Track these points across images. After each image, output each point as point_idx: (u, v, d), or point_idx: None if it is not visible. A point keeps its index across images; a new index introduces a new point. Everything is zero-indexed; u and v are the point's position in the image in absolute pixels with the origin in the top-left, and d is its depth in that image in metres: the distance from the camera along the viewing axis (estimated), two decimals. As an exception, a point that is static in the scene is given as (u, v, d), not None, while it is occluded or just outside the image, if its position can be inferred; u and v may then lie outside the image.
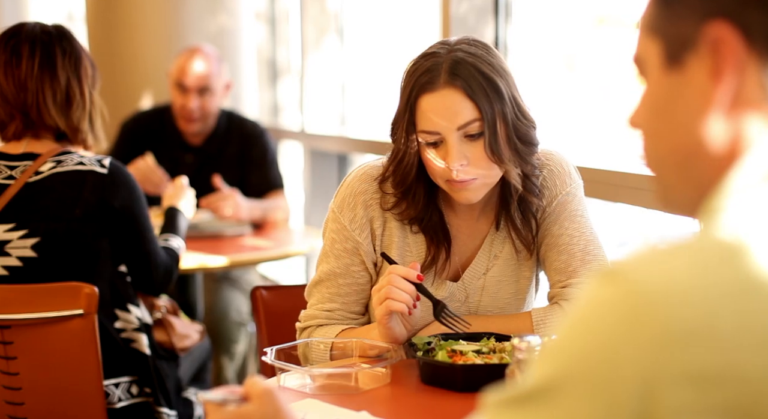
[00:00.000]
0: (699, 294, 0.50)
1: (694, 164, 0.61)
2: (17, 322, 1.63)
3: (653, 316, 0.50)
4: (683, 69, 0.60)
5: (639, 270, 0.52)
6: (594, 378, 0.51)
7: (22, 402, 1.67)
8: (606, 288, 0.53)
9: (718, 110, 0.58)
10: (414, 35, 3.51)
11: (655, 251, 0.53)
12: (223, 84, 2.84)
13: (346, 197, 1.41)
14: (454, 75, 1.27)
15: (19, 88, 1.71)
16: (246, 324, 2.95)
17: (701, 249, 0.53)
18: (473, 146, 1.29)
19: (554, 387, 0.52)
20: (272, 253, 2.54)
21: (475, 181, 1.31)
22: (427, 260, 1.40)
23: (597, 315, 0.52)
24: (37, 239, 1.68)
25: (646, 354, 0.50)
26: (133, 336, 1.80)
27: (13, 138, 1.74)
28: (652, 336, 0.50)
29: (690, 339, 0.49)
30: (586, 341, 0.52)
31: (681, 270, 0.51)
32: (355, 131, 3.66)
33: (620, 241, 2.63)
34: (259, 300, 1.68)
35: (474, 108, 1.27)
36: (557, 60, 2.84)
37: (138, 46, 3.56)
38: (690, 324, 0.50)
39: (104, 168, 1.72)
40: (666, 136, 0.62)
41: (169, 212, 2.10)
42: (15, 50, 1.72)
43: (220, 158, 2.88)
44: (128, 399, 1.79)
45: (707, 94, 0.58)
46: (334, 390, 1.22)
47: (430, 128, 1.29)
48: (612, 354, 0.51)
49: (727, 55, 0.57)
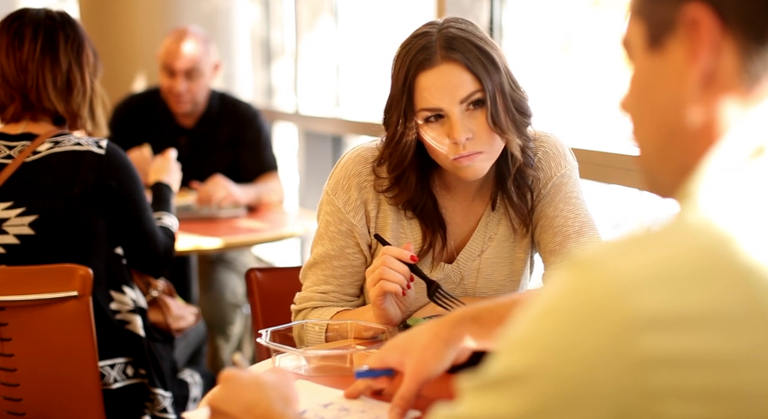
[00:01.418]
0: (666, 280, 0.50)
1: (674, 147, 0.61)
2: (12, 303, 1.63)
3: (619, 304, 0.50)
4: (664, 51, 0.61)
5: (607, 259, 0.52)
6: (561, 368, 0.52)
7: (17, 384, 1.67)
8: (574, 278, 0.53)
9: (694, 92, 0.59)
10: (409, 16, 3.50)
11: (624, 240, 0.54)
12: (211, 65, 2.82)
13: (341, 179, 1.41)
14: (451, 49, 1.28)
15: (20, 71, 1.72)
16: (241, 305, 2.96)
17: (671, 236, 0.53)
18: (476, 119, 1.29)
19: (523, 376, 0.53)
20: (267, 235, 2.54)
21: (480, 154, 1.31)
22: (423, 247, 1.40)
23: (564, 305, 0.53)
24: (35, 217, 1.68)
25: (613, 341, 0.50)
26: (128, 318, 1.80)
27: (11, 119, 1.75)
28: (619, 323, 0.50)
29: (659, 324, 0.49)
30: (555, 332, 0.52)
31: (649, 258, 0.51)
32: (349, 112, 3.65)
33: (615, 222, 2.63)
34: (254, 282, 1.68)
35: (474, 80, 1.28)
36: (552, 42, 2.83)
37: (131, 27, 3.54)
38: (658, 309, 0.50)
39: (101, 149, 1.72)
40: (649, 118, 0.63)
41: (157, 188, 2.09)
42: (18, 33, 1.72)
43: (213, 139, 2.87)
44: (124, 380, 1.80)
45: (684, 76, 0.59)
46: (329, 371, 1.22)
47: (431, 105, 1.29)
48: (581, 345, 0.51)
49: (702, 36, 0.58)
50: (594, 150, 1.90)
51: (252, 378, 0.89)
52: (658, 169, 0.64)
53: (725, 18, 0.57)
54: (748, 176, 0.55)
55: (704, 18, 0.58)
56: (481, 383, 0.55)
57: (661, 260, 0.51)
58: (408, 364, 1.01)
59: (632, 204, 2.48)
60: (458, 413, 0.56)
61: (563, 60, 2.84)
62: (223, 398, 0.89)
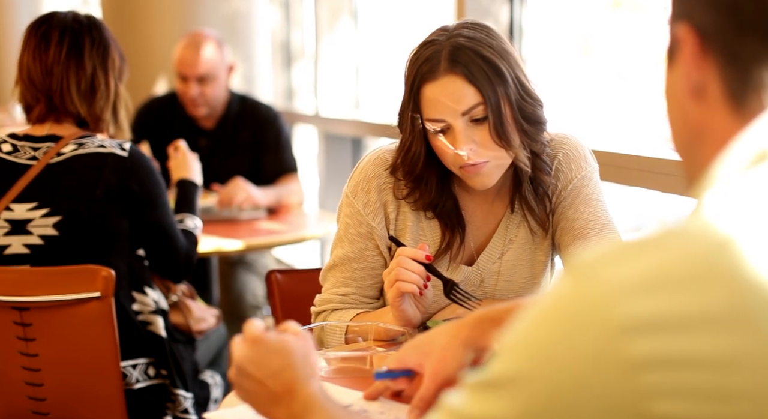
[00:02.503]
0: (658, 285, 0.51)
1: (692, 153, 0.65)
2: (35, 304, 1.65)
3: (610, 309, 0.51)
4: (673, 64, 0.65)
5: (600, 265, 0.54)
6: (552, 372, 0.53)
7: (41, 384, 1.69)
8: (569, 282, 0.55)
9: (689, 104, 0.63)
10: (428, 18, 3.50)
11: (621, 246, 0.55)
12: (225, 67, 2.83)
13: (360, 181, 1.41)
14: (454, 61, 1.27)
15: (46, 74, 1.74)
16: (261, 307, 2.97)
17: (668, 241, 0.54)
18: (480, 130, 1.29)
19: (516, 379, 0.54)
20: (287, 237, 2.55)
21: (487, 164, 1.31)
22: (441, 245, 1.40)
23: (558, 309, 0.54)
24: (59, 218, 1.70)
25: (603, 345, 0.51)
26: (150, 319, 1.82)
27: (36, 121, 1.78)
28: (609, 328, 0.51)
29: (649, 328, 0.50)
30: (547, 336, 0.54)
31: (643, 264, 0.52)
32: (369, 114, 3.66)
33: (636, 225, 2.62)
34: (274, 284, 1.69)
35: (476, 93, 1.27)
36: (572, 44, 2.82)
37: (152, 30, 3.57)
38: (648, 313, 0.51)
39: (124, 151, 1.74)
40: (671, 125, 0.67)
41: (181, 186, 2.07)
42: (45, 36, 1.75)
43: (234, 142, 2.89)
44: (146, 381, 1.81)
45: (682, 88, 0.63)
46: (349, 373, 1.23)
47: (435, 116, 1.30)
48: (573, 349, 0.52)
49: (688, 55, 0.62)
50: (615, 152, 1.89)
51: (279, 343, 0.90)
52: (686, 171, 0.67)
53: (705, 37, 0.61)
54: (749, 182, 0.56)
55: (687, 37, 0.62)
56: (479, 382, 0.57)
57: (653, 265, 0.52)
58: (427, 365, 1.02)
59: (653, 206, 2.46)
60: (455, 409, 0.58)
61: (583, 62, 2.83)
62: (251, 360, 0.90)
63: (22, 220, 1.71)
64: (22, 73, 1.76)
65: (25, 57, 1.76)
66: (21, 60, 1.77)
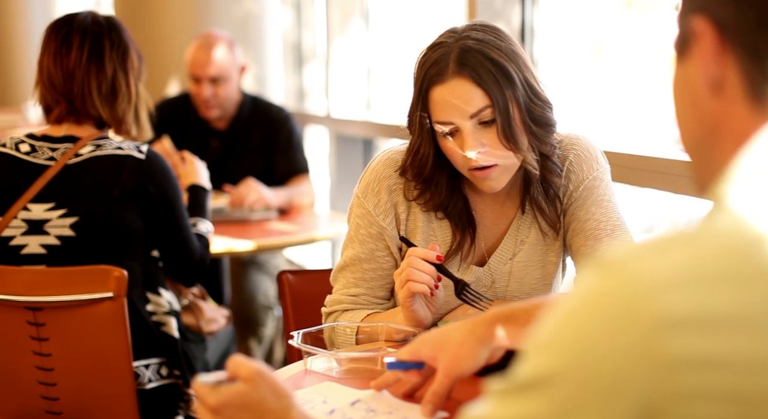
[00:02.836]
0: (694, 282, 0.50)
1: (706, 150, 0.63)
2: (49, 304, 1.66)
3: (646, 305, 0.50)
4: (685, 58, 0.63)
5: (633, 261, 0.53)
6: (587, 370, 0.52)
7: (54, 383, 1.70)
8: (600, 279, 0.53)
9: (706, 98, 0.61)
10: (440, 19, 3.50)
11: (651, 242, 0.54)
12: (237, 68, 2.84)
13: (371, 182, 1.42)
14: (462, 64, 1.27)
15: (67, 77, 1.76)
16: (273, 307, 2.98)
17: (700, 238, 0.53)
18: (489, 133, 1.29)
19: (550, 380, 0.53)
20: (298, 238, 2.55)
21: (495, 168, 1.31)
22: (452, 246, 1.40)
23: (590, 306, 0.53)
24: (76, 219, 1.72)
25: (640, 342, 0.50)
26: (164, 320, 1.83)
27: (55, 122, 1.79)
28: (645, 324, 0.50)
29: (686, 325, 0.49)
30: (581, 333, 0.53)
31: (677, 260, 0.52)
32: (380, 115, 3.66)
33: (648, 226, 2.61)
34: (285, 284, 1.70)
35: (484, 96, 1.27)
36: (584, 45, 2.81)
37: (164, 31, 3.59)
38: (685, 310, 0.50)
39: (142, 154, 1.76)
40: (681, 122, 0.66)
41: (193, 191, 2.10)
42: (66, 39, 1.76)
43: (246, 142, 2.90)
44: (158, 381, 1.82)
45: (697, 83, 0.62)
46: (359, 373, 1.23)
47: (443, 119, 1.30)
48: (607, 346, 0.51)
49: (705, 49, 0.60)
50: (626, 153, 1.88)
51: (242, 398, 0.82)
52: (697, 169, 0.65)
53: (725, 30, 0.59)
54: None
55: (706, 31, 0.60)
56: (509, 386, 0.56)
57: (688, 261, 0.51)
58: (441, 361, 1.02)
59: (665, 208, 2.45)
60: (487, 416, 0.56)
61: (595, 63, 2.82)
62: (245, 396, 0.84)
63: (39, 220, 1.72)
64: (42, 76, 1.78)
65: (45, 60, 1.77)
66: (41, 63, 1.78)
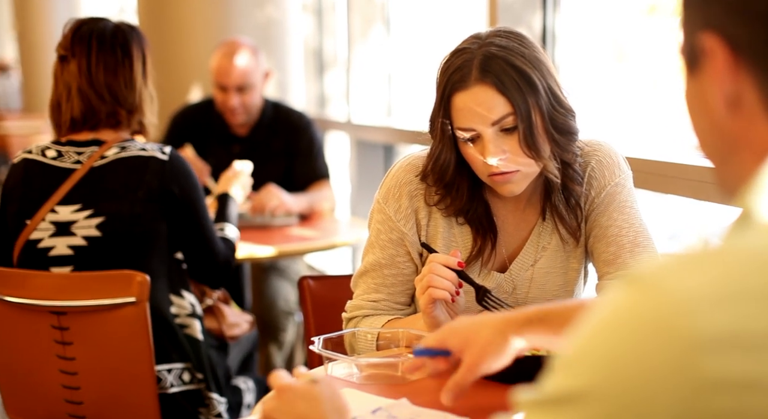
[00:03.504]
0: (730, 299, 0.49)
1: (727, 160, 0.62)
2: (73, 309, 1.68)
3: (681, 323, 0.49)
4: (697, 74, 0.62)
5: (665, 277, 0.51)
6: (621, 388, 0.50)
7: (78, 387, 1.72)
8: (632, 295, 0.52)
9: (723, 115, 0.60)
10: (461, 25, 3.50)
11: (682, 258, 0.52)
12: (261, 74, 2.86)
13: (391, 187, 1.42)
14: (485, 71, 1.27)
15: (130, 89, 1.80)
16: (293, 313, 2.98)
17: (731, 254, 0.51)
18: (510, 139, 1.29)
19: (580, 396, 0.52)
20: (319, 243, 2.56)
21: (517, 173, 1.31)
22: (473, 251, 1.40)
23: (624, 323, 0.51)
24: (102, 219, 1.74)
25: (675, 362, 0.49)
26: (187, 322, 1.84)
27: (89, 130, 1.81)
28: (682, 342, 0.49)
29: (723, 345, 0.48)
30: (615, 351, 0.51)
31: (710, 276, 0.50)
32: (401, 121, 3.66)
33: (671, 233, 2.59)
34: (306, 290, 1.70)
35: (507, 103, 1.27)
36: (607, 50, 2.80)
37: (187, 38, 3.61)
38: (722, 329, 0.48)
39: (165, 155, 1.79)
40: (700, 133, 0.65)
41: (222, 199, 2.15)
42: (125, 52, 1.80)
43: (267, 148, 2.91)
44: (180, 386, 1.83)
45: (712, 100, 0.60)
46: (380, 379, 1.23)
47: (465, 125, 1.30)
48: (641, 365, 0.50)
49: (718, 67, 0.59)
50: (649, 159, 1.87)
51: (305, 389, 0.90)
52: (720, 175, 0.64)
53: (737, 48, 0.58)
54: None
55: (717, 48, 0.59)
56: (539, 399, 0.55)
57: (723, 278, 0.50)
58: (468, 354, 1.03)
59: (688, 214, 2.43)
60: None
61: (618, 68, 2.81)
62: (278, 409, 0.90)
63: (66, 222, 1.75)
64: (97, 88, 1.78)
65: (101, 75, 1.78)
66: (93, 74, 1.78)
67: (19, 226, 1.77)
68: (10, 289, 1.70)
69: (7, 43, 13.12)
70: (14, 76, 9.63)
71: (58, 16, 8.24)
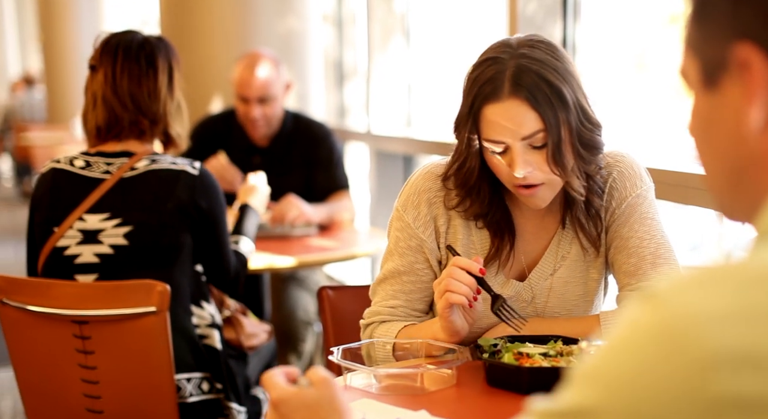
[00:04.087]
0: (743, 318, 0.49)
1: (745, 178, 0.60)
2: (95, 318, 1.69)
3: (694, 341, 0.49)
4: (719, 90, 0.60)
5: (679, 294, 0.51)
6: (633, 407, 0.50)
7: (99, 396, 1.73)
8: (646, 313, 0.52)
9: (755, 131, 0.58)
10: (481, 36, 3.50)
11: (696, 275, 0.52)
12: (283, 86, 2.87)
13: (411, 195, 1.42)
14: (518, 85, 1.25)
15: (153, 98, 1.82)
16: (313, 323, 2.98)
17: (746, 273, 0.51)
18: (538, 154, 1.29)
19: (592, 412, 0.52)
20: (338, 254, 2.56)
21: (542, 186, 1.31)
22: (491, 251, 1.40)
23: (637, 340, 0.52)
24: (130, 228, 1.76)
25: (687, 380, 0.48)
26: (207, 332, 1.86)
27: (113, 139, 1.83)
28: (693, 361, 0.48)
29: (735, 363, 0.48)
30: (626, 367, 0.51)
31: (723, 294, 0.50)
32: (420, 132, 3.66)
33: (692, 244, 2.56)
34: (325, 300, 1.70)
35: (538, 119, 1.26)
36: (627, 59, 2.79)
37: (208, 49, 3.64)
38: (734, 347, 0.48)
39: (195, 170, 1.82)
40: (712, 150, 0.63)
41: (243, 210, 2.17)
42: (150, 62, 1.82)
43: (287, 158, 2.92)
44: (199, 395, 1.84)
45: (742, 115, 0.58)
46: (399, 390, 1.22)
47: (495, 138, 1.29)
48: (653, 382, 0.50)
49: (755, 77, 0.57)
50: (671, 170, 1.86)
51: (303, 398, 0.86)
52: (730, 197, 0.63)
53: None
54: None
55: (754, 59, 0.56)
56: (552, 410, 0.55)
57: (736, 296, 0.50)
58: None
59: (710, 225, 2.41)
60: None
61: (639, 78, 2.79)
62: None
63: (94, 230, 1.77)
64: (121, 97, 1.80)
65: (125, 83, 1.80)
66: (117, 83, 1.80)
67: (46, 233, 1.79)
68: (32, 298, 1.72)
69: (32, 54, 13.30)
70: (39, 90, 9.76)
71: (82, 28, 8.34)
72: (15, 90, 10.53)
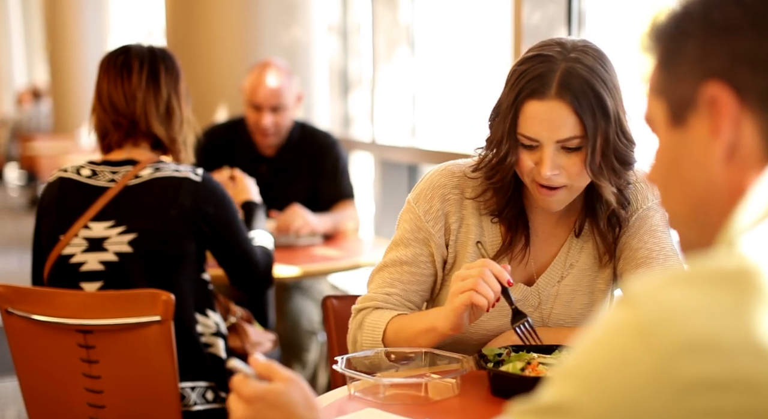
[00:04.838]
0: (705, 312, 0.54)
1: (702, 210, 0.66)
2: (99, 327, 1.69)
3: (663, 332, 0.54)
4: (686, 127, 0.65)
5: (652, 294, 0.56)
6: (607, 398, 0.55)
7: (103, 405, 1.73)
8: (620, 311, 0.57)
9: (719, 164, 0.64)
10: (485, 46, 3.51)
11: (667, 277, 0.57)
12: (294, 97, 2.88)
13: (425, 189, 1.42)
14: (565, 87, 1.25)
15: (130, 99, 1.83)
16: (317, 332, 2.98)
17: (708, 275, 0.56)
18: (567, 158, 1.28)
19: (570, 407, 0.56)
20: (343, 263, 2.56)
21: (562, 189, 1.30)
22: (502, 246, 1.39)
23: (610, 336, 0.56)
24: (134, 235, 1.77)
25: (655, 367, 0.53)
26: (211, 341, 1.86)
27: (114, 146, 1.86)
28: (662, 349, 0.53)
29: (699, 350, 0.53)
30: (599, 363, 0.56)
31: (690, 293, 0.55)
32: (425, 141, 3.67)
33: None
34: (329, 309, 1.70)
35: (578, 124, 1.26)
36: (632, 71, 2.79)
37: (214, 60, 3.66)
38: (698, 336, 0.53)
39: (198, 176, 1.83)
40: (677, 188, 0.68)
41: (247, 207, 2.17)
42: (126, 64, 1.85)
43: (293, 168, 2.92)
44: (203, 404, 1.84)
45: (708, 150, 0.64)
46: (403, 399, 1.22)
47: (530, 134, 1.29)
48: (623, 374, 0.54)
49: (722, 113, 0.62)
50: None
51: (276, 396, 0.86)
52: (696, 229, 0.68)
53: (743, 95, 0.62)
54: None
55: (723, 96, 0.62)
56: (532, 408, 0.58)
57: (701, 294, 0.55)
58: None
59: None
60: None
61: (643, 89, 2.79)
62: None
63: (99, 238, 1.78)
64: (102, 101, 1.84)
65: (105, 85, 1.84)
66: (100, 89, 1.85)
67: (52, 241, 1.80)
68: (36, 307, 1.72)
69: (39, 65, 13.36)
70: (45, 103, 9.82)
71: (88, 39, 8.38)
72: (21, 102, 10.59)
